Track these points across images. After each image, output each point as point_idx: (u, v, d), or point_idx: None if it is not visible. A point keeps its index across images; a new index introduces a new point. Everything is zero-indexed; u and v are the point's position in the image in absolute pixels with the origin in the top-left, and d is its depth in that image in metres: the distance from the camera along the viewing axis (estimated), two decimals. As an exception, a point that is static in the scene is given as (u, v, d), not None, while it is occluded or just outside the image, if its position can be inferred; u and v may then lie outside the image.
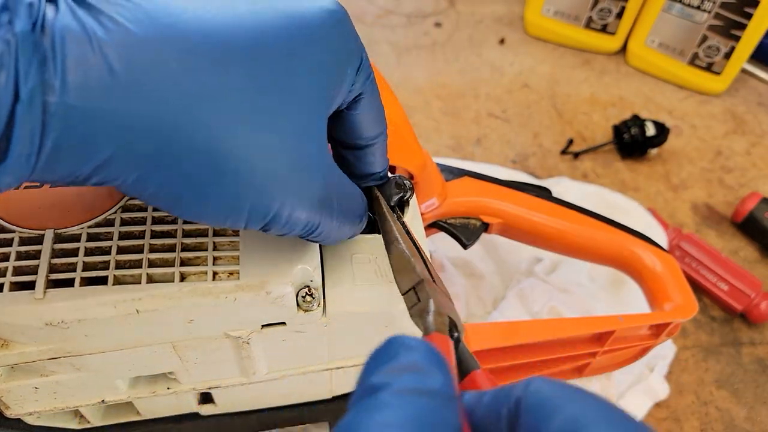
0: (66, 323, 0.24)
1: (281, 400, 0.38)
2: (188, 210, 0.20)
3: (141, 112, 0.17)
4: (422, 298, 0.24)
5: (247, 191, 0.20)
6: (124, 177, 0.18)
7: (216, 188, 0.19)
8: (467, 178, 0.43)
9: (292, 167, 0.21)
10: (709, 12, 0.73)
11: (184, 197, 0.19)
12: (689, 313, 0.42)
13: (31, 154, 0.16)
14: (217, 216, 0.20)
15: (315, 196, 0.23)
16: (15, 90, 0.15)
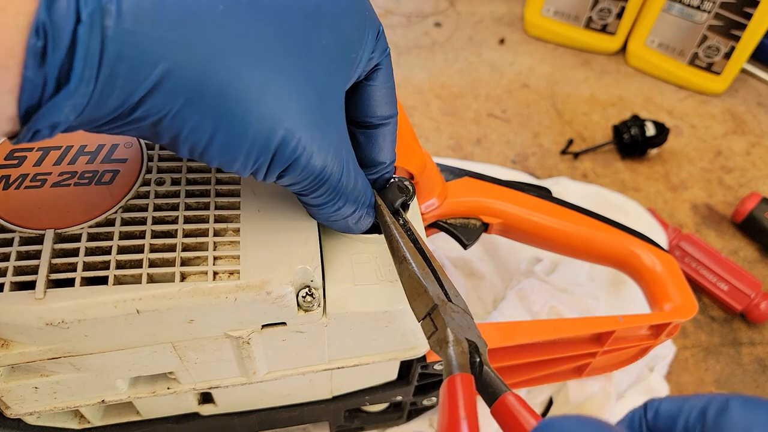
0: (66, 323, 0.24)
1: (281, 400, 0.38)
2: (218, 149, 0.21)
3: (185, 43, 0.18)
4: (439, 325, 0.24)
5: (277, 128, 0.21)
6: (166, 108, 0.19)
7: (245, 127, 0.20)
8: (467, 178, 0.43)
9: (315, 115, 0.22)
10: (709, 12, 0.73)
11: (216, 134, 0.20)
12: (689, 313, 0.42)
13: (91, 78, 0.17)
14: (246, 157, 0.21)
15: (332, 147, 0.23)
16: (77, 12, 0.16)
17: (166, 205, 0.27)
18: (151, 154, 0.29)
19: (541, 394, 0.49)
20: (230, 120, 0.20)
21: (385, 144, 0.28)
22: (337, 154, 0.24)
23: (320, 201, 0.25)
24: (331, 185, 0.24)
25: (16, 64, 0.16)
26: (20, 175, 0.27)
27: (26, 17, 0.15)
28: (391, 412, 0.44)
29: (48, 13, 0.16)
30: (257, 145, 0.21)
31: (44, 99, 0.17)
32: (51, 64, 0.16)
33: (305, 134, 0.22)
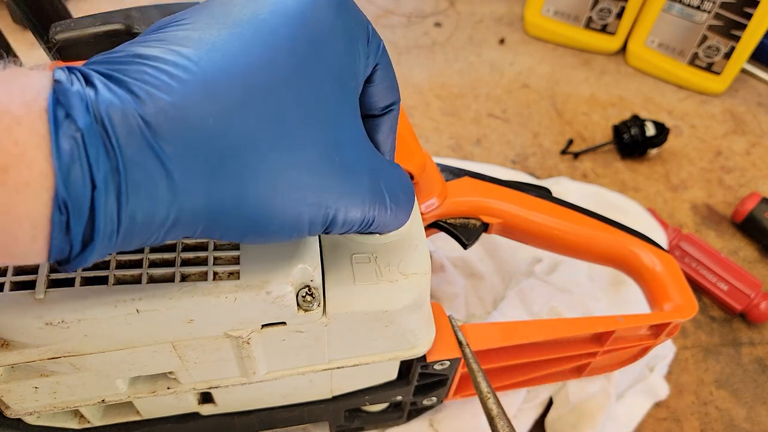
0: (66, 323, 0.24)
1: (281, 399, 0.38)
2: (255, 240, 0.21)
3: (189, 175, 0.18)
4: None
5: (302, 210, 0.21)
6: (188, 233, 0.20)
7: (274, 220, 0.21)
8: (467, 178, 0.43)
9: (339, 175, 0.22)
10: (709, 12, 0.73)
11: (248, 235, 0.21)
12: (689, 313, 0.42)
13: (113, 233, 0.18)
14: (280, 237, 0.22)
15: (365, 193, 0.23)
16: (91, 179, 0.16)
17: (166, 204, 0.27)
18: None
19: (541, 394, 0.49)
20: (252, 222, 0.20)
21: (391, 127, 0.28)
22: (374, 196, 0.24)
23: (379, 230, 0.26)
24: (380, 220, 0.25)
25: (43, 236, 0.17)
26: (20, 175, 0.27)
27: (48, 192, 0.16)
28: (391, 412, 0.44)
29: (66, 188, 0.16)
30: (287, 230, 0.21)
31: (72, 256, 0.18)
32: (75, 232, 0.17)
33: (332, 200, 0.22)
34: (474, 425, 0.46)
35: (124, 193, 0.17)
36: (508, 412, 0.47)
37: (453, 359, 0.37)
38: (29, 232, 0.16)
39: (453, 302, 0.53)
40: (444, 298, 0.53)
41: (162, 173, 0.18)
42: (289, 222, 0.21)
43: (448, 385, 0.41)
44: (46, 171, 0.16)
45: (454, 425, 0.46)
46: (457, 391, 0.43)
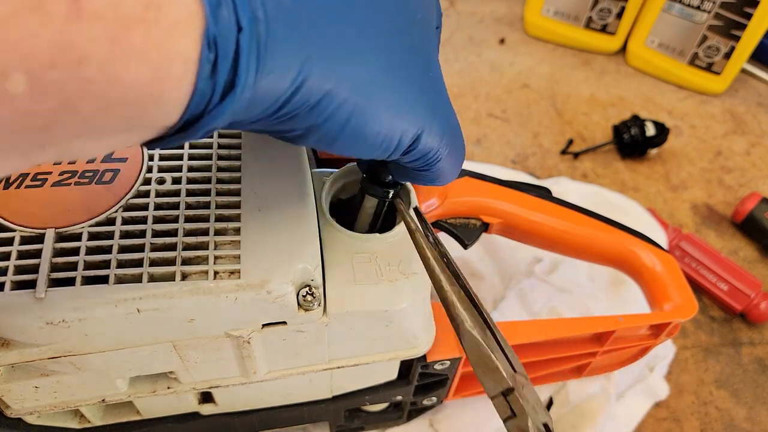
0: (67, 322, 0.24)
1: (282, 399, 0.38)
2: (344, 146, 0.22)
3: (324, 44, 0.19)
4: (517, 411, 0.23)
5: (398, 122, 0.22)
6: (306, 104, 0.20)
7: (375, 119, 0.22)
8: (467, 178, 0.43)
9: (431, 94, 0.24)
10: (709, 12, 0.73)
11: (341, 137, 0.22)
12: (689, 313, 0.42)
13: (250, 85, 0.18)
14: (370, 148, 0.23)
15: (445, 121, 0.25)
16: (237, 21, 0.17)
17: (167, 204, 0.27)
18: (151, 154, 0.29)
19: (541, 394, 0.49)
20: (362, 113, 0.21)
21: None
22: (452, 124, 0.25)
23: (434, 175, 0.26)
24: (445, 161, 0.26)
25: (191, 74, 0.16)
26: (20, 174, 0.27)
27: (197, 30, 0.16)
28: (391, 412, 0.44)
29: (216, 25, 0.16)
30: (381, 139, 0.22)
31: (209, 108, 0.18)
32: (221, 74, 0.17)
33: (423, 120, 0.23)
34: (474, 425, 0.46)
35: (263, 44, 0.17)
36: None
37: (453, 359, 0.37)
38: (179, 69, 0.16)
39: (453, 302, 0.53)
40: (444, 297, 0.53)
41: (296, 36, 0.18)
42: (386, 129, 0.22)
43: (448, 385, 0.41)
44: (195, 10, 0.16)
45: (454, 425, 0.46)
46: (457, 391, 0.43)
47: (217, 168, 0.29)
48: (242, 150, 0.30)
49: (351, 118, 0.21)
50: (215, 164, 0.29)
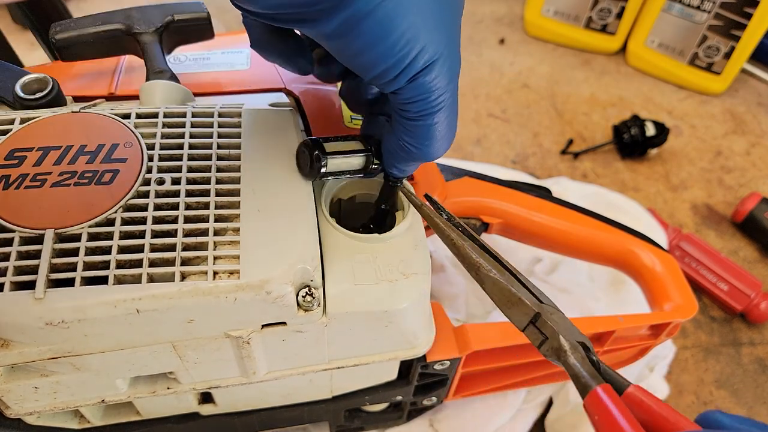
0: (66, 323, 0.24)
1: (281, 399, 0.38)
2: (366, 45, 0.22)
3: None
4: (549, 334, 0.24)
5: (421, 34, 0.23)
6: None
7: (399, 20, 0.22)
8: (467, 178, 0.43)
9: (451, 31, 0.24)
10: (709, 12, 0.73)
11: (360, 38, 0.22)
12: (689, 313, 0.42)
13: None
14: (388, 54, 0.23)
15: (457, 65, 0.25)
16: None
17: (166, 204, 0.27)
18: (151, 154, 0.29)
19: (542, 394, 0.49)
20: (398, 2, 0.22)
21: None
22: (457, 74, 0.25)
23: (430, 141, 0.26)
24: (444, 113, 0.26)
25: None
26: (20, 175, 0.27)
27: None
28: (391, 412, 0.44)
29: None
30: (405, 40, 0.22)
31: None
32: None
33: (440, 47, 0.23)
34: (474, 425, 0.46)
35: None
36: (508, 413, 0.47)
37: (453, 359, 0.37)
38: None
39: (453, 302, 0.53)
40: (444, 298, 0.53)
41: None
42: (410, 33, 0.22)
43: (448, 385, 0.41)
44: None
45: (454, 425, 0.46)
46: (457, 391, 0.43)
47: (217, 168, 0.29)
48: (242, 150, 0.30)
49: (386, 1, 0.21)
50: (215, 164, 0.29)
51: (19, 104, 0.31)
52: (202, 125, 0.31)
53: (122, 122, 0.30)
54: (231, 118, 0.31)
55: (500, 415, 0.47)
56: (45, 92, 0.32)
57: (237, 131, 0.31)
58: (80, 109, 0.31)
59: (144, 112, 0.31)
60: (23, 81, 0.32)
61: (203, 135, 0.30)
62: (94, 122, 0.30)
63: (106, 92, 0.36)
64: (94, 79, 0.37)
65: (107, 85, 0.36)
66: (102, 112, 0.30)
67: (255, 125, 0.31)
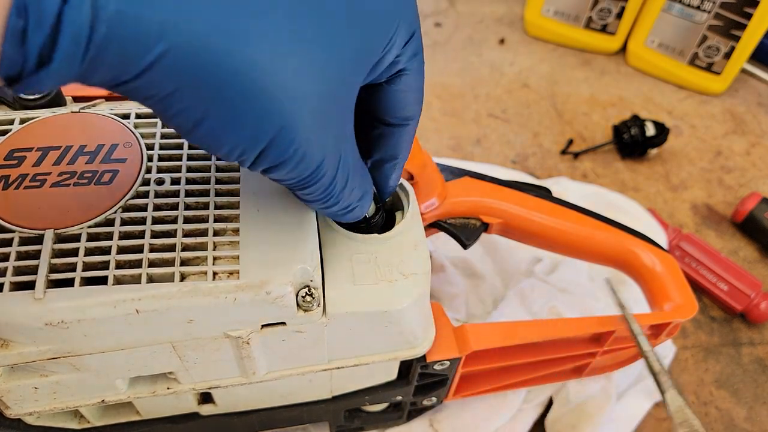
0: (66, 323, 0.24)
1: (281, 400, 0.38)
2: (209, 133, 0.20)
3: (180, 23, 0.17)
4: None
5: (274, 119, 0.20)
6: (159, 88, 0.18)
7: (244, 112, 0.19)
8: (467, 178, 0.43)
9: (318, 114, 0.21)
10: (709, 12, 0.73)
11: (206, 120, 0.19)
12: (689, 313, 0.42)
13: (76, 58, 0.16)
14: (232, 147, 0.20)
15: (330, 149, 0.22)
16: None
17: (166, 205, 0.27)
18: (150, 155, 0.29)
19: (542, 394, 0.49)
20: (223, 107, 0.19)
21: (401, 142, 0.27)
22: (334, 156, 0.23)
23: (311, 198, 0.25)
24: (322, 186, 0.23)
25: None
26: (20, 175, 0.27)
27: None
28: (391, 412, 0.44)
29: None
30: (247, 138, 0.20)
31: (24, 74, 0.16)
32: (32, 44, 0.16)
33: (303, 134, 0.20)
34: (474, 425, 0.46)
35: (101, 18, 0.16)
36: (508, 413, 0.47)
37: (453, 359, 0.37)
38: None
39: (453, 302, 0.53)
40: (444, 298, 0.53)
41: (149, 8, 0.16)
42: (255, 127, 0.20)
43: (447, 385, 0.41)
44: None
45: (454, 425, 0.46)
46: (457, 391, 0.43)
47: (216, 168, 0.29)
48: (241, 150, 0.30)
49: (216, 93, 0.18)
50: (214, 164, 0.29)
51: (19, 104, 0.31)
52: (201, 125, 0.31)
53: (122, 122, 0.30)
54: (231, 118, 0.31)
55: (500, 415, 0.47)
56: (44, 92, 0.32)
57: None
58: (80, 109, 0.31)
59: (144, 113, 0.31)
60: (23, 81, 0.32)
61: (203, 135, 0.30)
62: (93, 122, 0.30)
63: (106, 92, 0.36)
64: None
65: (107, 85, 0.36)
66: (102, 113, 0.30)
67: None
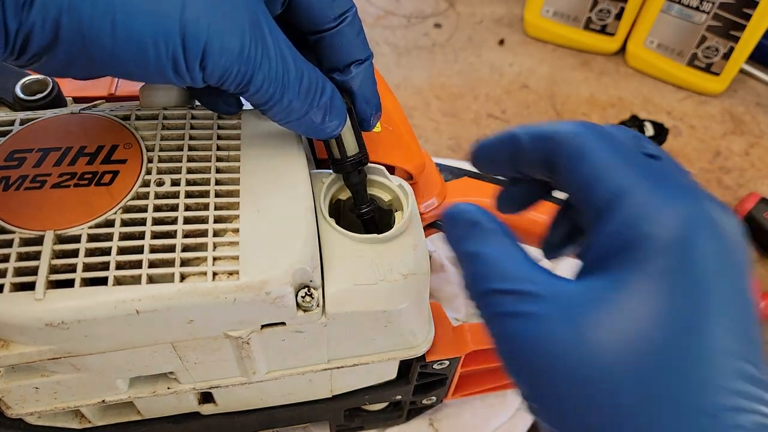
0: (66, 324, 0.25)
1: (281, 399, 0.38)
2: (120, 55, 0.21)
3: None
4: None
5: (172, 22, 0.21)
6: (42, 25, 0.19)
7: (139, 27, 0.20)
8: (467, 178, 0.43)
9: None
10: (708, 13, 0.73)
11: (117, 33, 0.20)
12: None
13: None
14: (156, 59, 0.21)
15: (246, 23, 0.23)
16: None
17: (166, 205, 0.28)
18: (150, 155, 0.29)
19: (541, 394, 0.49)
20: (123, 21, 0.20)
21: (351, 40, 0.27)
22: (256, 32, 0.23)
23: (265, 97, 0.25)
24: (264, 74, 0.24)
25: None
26: (20, 176, 0.27)
27: None
28: (391, 412, 0.44)
29: None
30: (161, 42, 0.21)
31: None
32: None
33: (206, 18, 0.21)
34: (474, 424, 0.46)
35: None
36: (508, 412, 0.47)
37: (452, 359, 0.37)
38: None
39: (453, 302, 0.53)
40: (444, 298, 0.53)
41: None
42: (161, 29, 0.21)
43: (447, 384, 0.41)
44: None
45: (454, 424, 0.46)
46: (457, 390, 0.43)
47: (216, 169, 0.29)
48: (241, 151, 0.30)
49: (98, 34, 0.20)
50: (214, 165, 0.29)
51: (19, 105, 0.32)
52: (201, 126, 0.31)
53: (122, 123, 0.30)
54: (230, 120, 0.31)
55: (500, 415, 0.47)
56: (45, 93, 0.32)
57: (236, 132, 0.31)
58: (80, 110, 0.31)
59: (144, 114, 0.31)
60: (23, 82, 0.32)
61: (203, 137, 0.30)
62: (93, 123, 0.30)
63: (106, 93, 0.36)
64: (95, 80, 0.37)
65: (107, 86, 0.36)
66: (102, 114, 0.31)
67: (254, 126, 0.32)
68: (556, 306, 0.18)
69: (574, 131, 0.21)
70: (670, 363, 0.16)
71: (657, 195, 0.18)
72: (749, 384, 0.16)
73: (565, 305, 0.18)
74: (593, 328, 0.17)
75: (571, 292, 0.19)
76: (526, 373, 0.19)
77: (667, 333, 0.17)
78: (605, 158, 0.20)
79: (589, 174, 0.20)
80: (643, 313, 0.17)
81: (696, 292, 0.17)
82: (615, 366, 0.17)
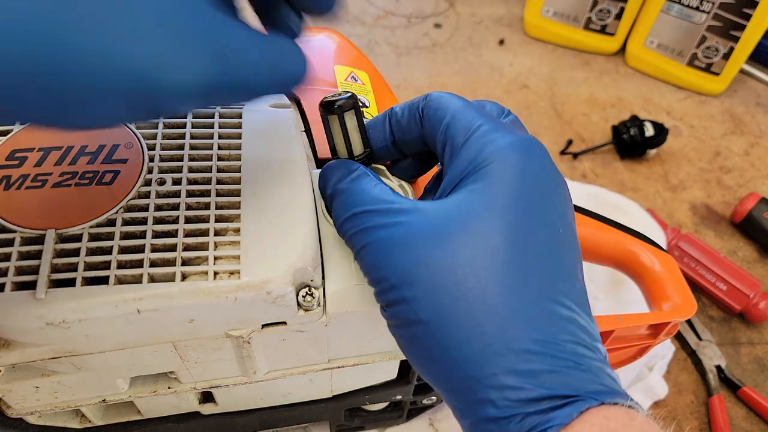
0: (67, 323, 0.25)
1: (282, 399, 0.38)
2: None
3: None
4: None
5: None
6: None
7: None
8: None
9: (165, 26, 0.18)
10: (708, 13, 0.73)
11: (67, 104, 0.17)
12: (688, 312, 0.42)
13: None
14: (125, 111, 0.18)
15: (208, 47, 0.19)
16: None
17: (167, 205, 0.28)
18: (152, 155, 0.29)
19: (541, 393, 0.49)
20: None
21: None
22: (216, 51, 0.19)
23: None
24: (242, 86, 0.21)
25: None
26: (21, 175, 0.27)
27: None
28: (391, 411, 0.44)
29: None
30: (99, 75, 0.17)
31: None
32: None
33: (159, 54, 0.17)
34: (474, 425, 0.46)
35: None
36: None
37: (453, 359, 0.37)
38: None
39: (453, 302, 0.53)
40: (444, 298, 0.53)
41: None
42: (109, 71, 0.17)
43: (447, 384, 0.41)
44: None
45: (454, 424, 0.46)
46: (457, 390, 0.43)
47: (217, 169, 0.29)
48: (242, 150, 0.30)
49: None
50: (215, 165, 0.29)
51: (20, 105, 0.32)
52: (202, 126, 0.31)
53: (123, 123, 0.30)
54: (231, 119, 0.31)
55: (500, 415, 0.47)
56: None
57: (237, 132, 0.31)
58: (81, 109, 0.31)
59: (144, 113, 0.31)
60: (24, 82, 0.32)
61: (204, 135, 0.30)
62: (94, 123, 0.30)
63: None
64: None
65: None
66: (103, 113, 0.30)
67: (255, 126, 0.32)
68: (419, 215, 0.23)
69: (441, 92, 0.27)
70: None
71: (499, 130, 0.25)
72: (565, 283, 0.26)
73: (426, 214, 0.23)
74: (450, 227, 0.23)
75: (431, 205, 0.24)
76: (396, 269, 0.23)
77: (509, 229, 0.23)
78: (462, 107, 0.26)
79: (451, 116, 0.26)
80: (488, 214, 0.23)
81: (528, 193, 0.24)
82: (462, 253, 0.22)
